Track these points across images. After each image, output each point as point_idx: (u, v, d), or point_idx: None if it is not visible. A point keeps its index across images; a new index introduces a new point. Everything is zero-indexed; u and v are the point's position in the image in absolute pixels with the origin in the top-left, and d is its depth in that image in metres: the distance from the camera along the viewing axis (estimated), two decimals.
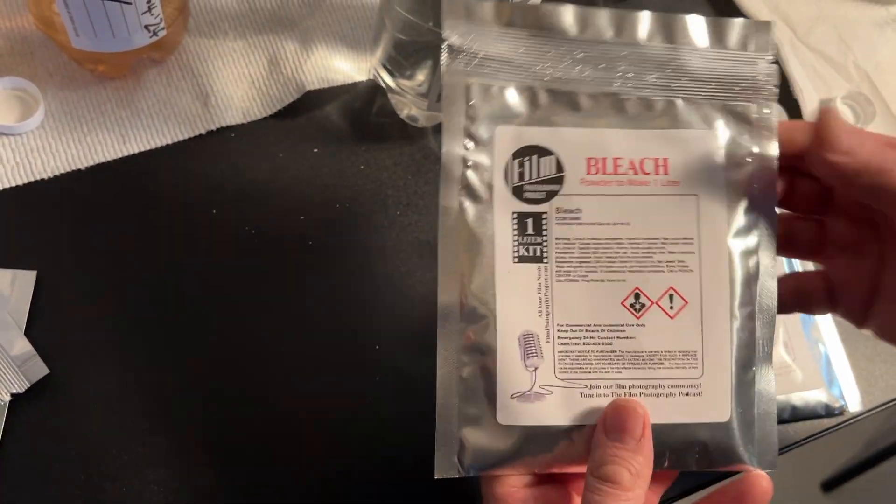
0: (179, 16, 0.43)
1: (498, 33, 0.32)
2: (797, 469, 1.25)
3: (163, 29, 0.42)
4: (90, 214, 0.42)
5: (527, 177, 0.31)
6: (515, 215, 0.31)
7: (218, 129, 0.45)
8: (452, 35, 0.31)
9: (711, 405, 0.31)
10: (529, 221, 0.31)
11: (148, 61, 0.45)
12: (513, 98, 0.32)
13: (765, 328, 0.33)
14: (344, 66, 0.48)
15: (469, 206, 0.31)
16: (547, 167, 0.31)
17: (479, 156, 0.31)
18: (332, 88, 0.48)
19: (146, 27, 0.41)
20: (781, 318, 0.46)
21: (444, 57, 0.31)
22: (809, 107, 0.55)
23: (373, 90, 0.49)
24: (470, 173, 0.31)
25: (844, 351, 0.48)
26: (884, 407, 0.49)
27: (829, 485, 1.26)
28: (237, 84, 0.47)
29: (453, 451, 0.31)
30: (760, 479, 0.31)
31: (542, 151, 0.32)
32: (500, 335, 0.31)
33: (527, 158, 0.31)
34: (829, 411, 0.46)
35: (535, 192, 0.31)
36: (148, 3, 0.40)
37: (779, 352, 0.46)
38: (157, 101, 0.45)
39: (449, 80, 0.32)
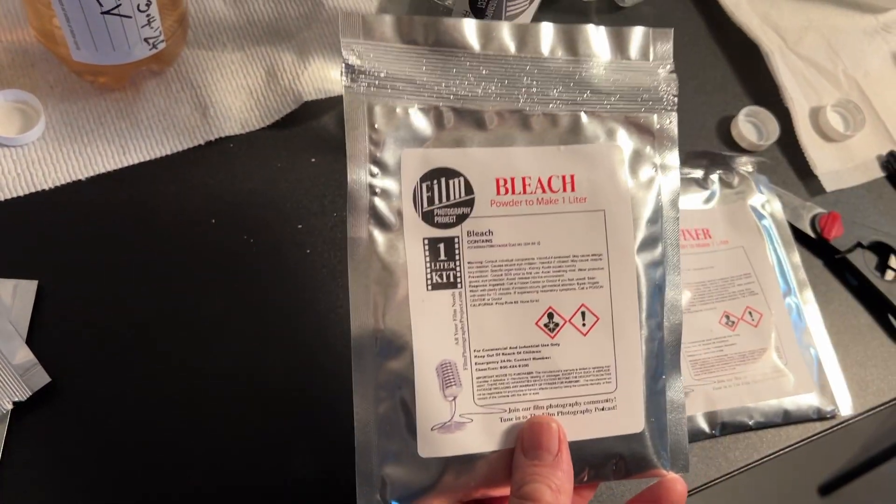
0: (178, 28, 0.44)
1: (399, 50, 0.31)
2: (794, 473, 1.25)
3: (162, 41, 0.43)
4: (91, 224, 0.43)
5: (436, 201, 0.31)
6: (427, 241, 0.30)
7: (217, 140, 0.46)
8: (351, 54, 0.30)
9: (626, 418, 0.32)
10: (441, 247, 0.31)
11: (147, 73, 0.46)
12: (418, 119, 0.31)
13: (671, 336, 0.33)
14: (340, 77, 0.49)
15: (379, 236, 0.30)
16: (456, 190, 0.31)
17: (387, 182, 0.30)
18: (330, 99, 0.48)
19: (146, 40, 0.42)
20: (773, 323, 0.47)
21: (343, 78, 0.30)
22: (800, 114, 0.56)
23: None
24: (378, 201, 0.30)
25: (836, 355, 0.49)
26: (876, 410, 0.49)
27: (827, 489, 1.27)
28: (235, 95, 0.47)
29: (375, 489, 0.30)
30: (675, 482, 0.32)
31: (450, 173, 0.31)
32: (417, 367, 0.30)
33: (435, 181, 0.31)
34: (821, 415, 0.46)
35: (446, 215, 0.31)
36: (147, 16, 0.40)
37: (771, 357, 0.46)
38: (156, 113, 0.46)
39: (350, 103, 0.30)
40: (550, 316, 0.31)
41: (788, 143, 0.55)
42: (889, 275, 0.53)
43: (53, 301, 0.40)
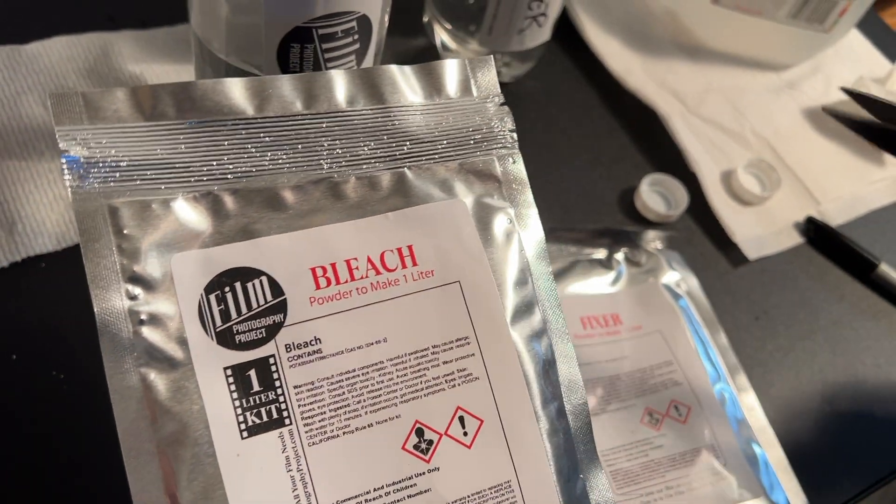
0: None
1: (145, 130, 0.24)
2: None
3: None
4: None
5: (233, 314, 0.23)
6: (230, 371, 0.23)
7: (24, 260, 0.39)
8: (72, 144, 0.23)
9: None
10: (252, 374, 0.23)
11: None
12: (185, 212, 0.24)
13: (578, 421, 0.27)
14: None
15: (157, 380, 0.22)
16: (258, 294, 0.24)
17: (156, 303, 0.23)
18: None
19: None
20: (705, 417, 0.40)
21: (67, 178, 0.23)
22: (710, 178, 0.50)
23: None
24: (147, 332, 0.23)
25: (784, 451, 0.41)
26: None
27: None
28: (51, 207, 0.40)
29: None
30: None
31: (246, 274, 0.24)
32: None
33: (227, 289, 0.23)
34: None
35: (251, 330, 0.23)
36: None
37: (706, 458, 0.39)
38: None
39: (82, 208, 0.23)
40: (420, 433, 0.24)
41: (701, 211, 0.50)
42: None
43: None
